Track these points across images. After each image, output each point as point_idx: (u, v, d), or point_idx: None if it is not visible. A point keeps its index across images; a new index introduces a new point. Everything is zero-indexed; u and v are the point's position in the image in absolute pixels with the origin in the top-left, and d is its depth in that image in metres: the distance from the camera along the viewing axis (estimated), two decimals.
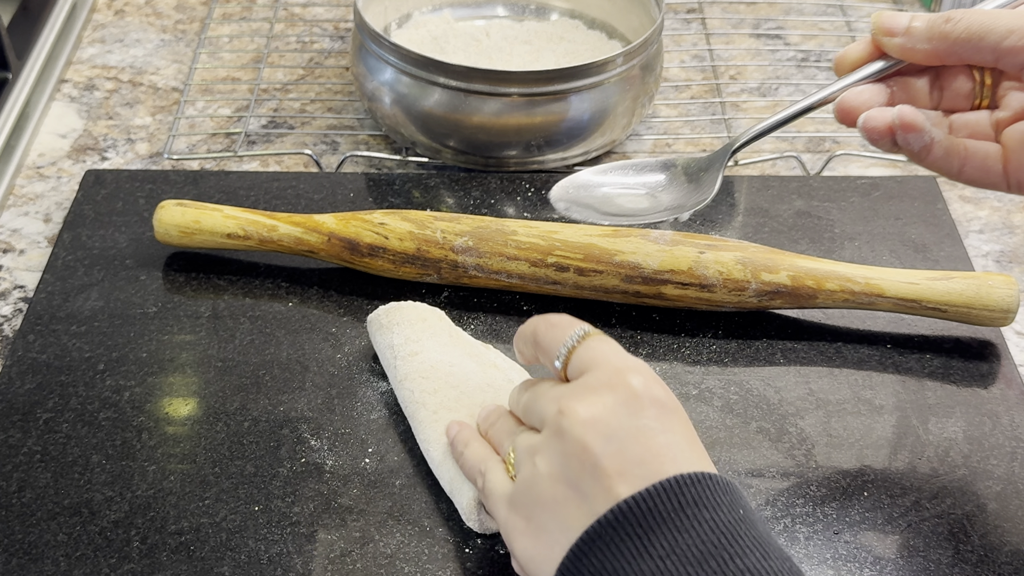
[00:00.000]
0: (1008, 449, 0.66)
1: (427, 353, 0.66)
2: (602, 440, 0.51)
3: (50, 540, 0.60)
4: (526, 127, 0.82)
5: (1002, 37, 0.58)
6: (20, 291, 0.77)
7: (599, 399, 0.52)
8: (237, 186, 0.82)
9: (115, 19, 1.03)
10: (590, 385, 0.53)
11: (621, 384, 0.53)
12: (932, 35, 0.60)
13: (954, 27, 0.59)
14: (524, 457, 0.54)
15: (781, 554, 0.49)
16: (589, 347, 0.55)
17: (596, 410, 0.52)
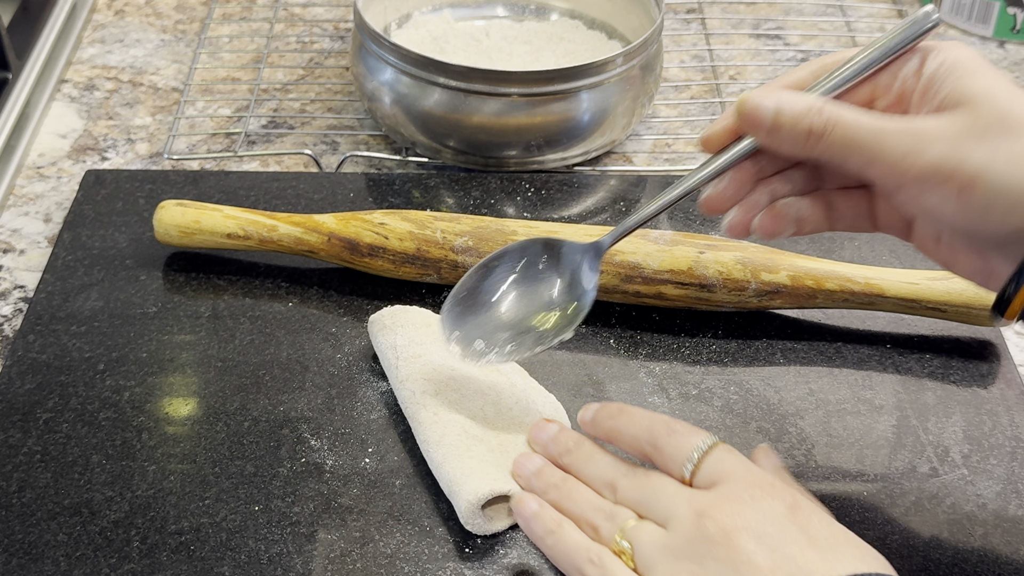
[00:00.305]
0: (1008, 449, 0.66)
1: (430, 356, 0.66)
2: (754, 545, 0.52)
3: (50, 540, 0.60)
4: (526, 127, 0.82)
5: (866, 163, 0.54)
6: (20, 291, 0.77)
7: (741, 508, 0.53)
8: (237, 186, 0.82)
9: (115, 19, 1.03)
10: (727, 494, 0.54)
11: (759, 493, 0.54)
12: (795, 144, 0.56)
13: (816, 143, 0.55)
14: (657, 557, 0.54)
15: None
16: (719, 459, 0.56)
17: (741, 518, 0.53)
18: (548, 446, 0.62)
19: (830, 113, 0.55)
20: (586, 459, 0.61)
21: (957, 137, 0.53)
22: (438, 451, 0.62)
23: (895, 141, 0.54)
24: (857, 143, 0.54)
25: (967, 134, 0.53)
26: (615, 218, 0.81)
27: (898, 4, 1.06)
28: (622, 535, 0.56)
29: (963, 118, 0.53)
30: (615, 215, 0.81)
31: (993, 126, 0.52)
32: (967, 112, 0.53)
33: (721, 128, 0.59)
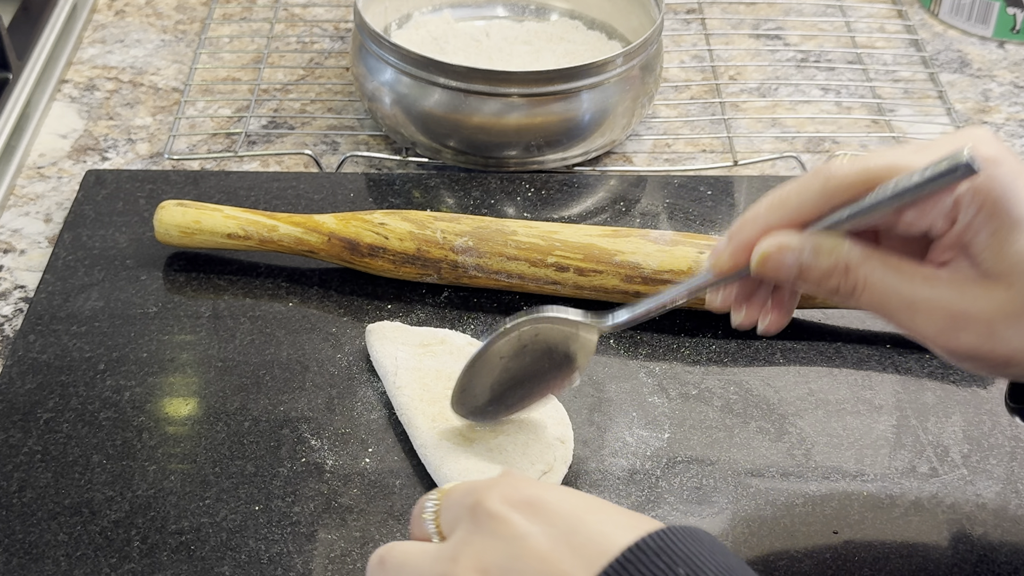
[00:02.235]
0: (1008, 449, 0.66)
1: (428, 368, 0.67)
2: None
3: (51, 540, 0.60)
4: (526, 127, 0.82)
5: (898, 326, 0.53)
6: (21, 291, 0.77)
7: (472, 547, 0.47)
8: (237, 186, 0.82)
9: (115, 19, 1.03)
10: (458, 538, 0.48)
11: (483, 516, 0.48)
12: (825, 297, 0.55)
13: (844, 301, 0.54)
14: None
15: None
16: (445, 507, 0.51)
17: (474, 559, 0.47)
18: None
19: (857, 276, 0.53)
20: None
21: (993, 320, 0.51)
22: (436, 453, 0.63)
23: (929, 317, 0.52)
24: (888, 309, 0.53)
25: (1004, 315, 0.51)
26: (615, 218, 0.81)
27: (898, 4, 1.06)
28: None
29: (999, 297, 0.51)
30: (615, 215, 0.81)
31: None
32: (1004, 290, 0.51)
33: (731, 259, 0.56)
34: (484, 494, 0.48)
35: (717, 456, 0.66)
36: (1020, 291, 0.50)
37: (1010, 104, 0.96)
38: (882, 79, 0.97)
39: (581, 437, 0.66)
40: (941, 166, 0.49)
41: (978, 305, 0.51)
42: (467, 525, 0.48)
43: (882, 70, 0.98)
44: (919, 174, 0.50)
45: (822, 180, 0.53)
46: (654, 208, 0.82)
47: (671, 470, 0.65)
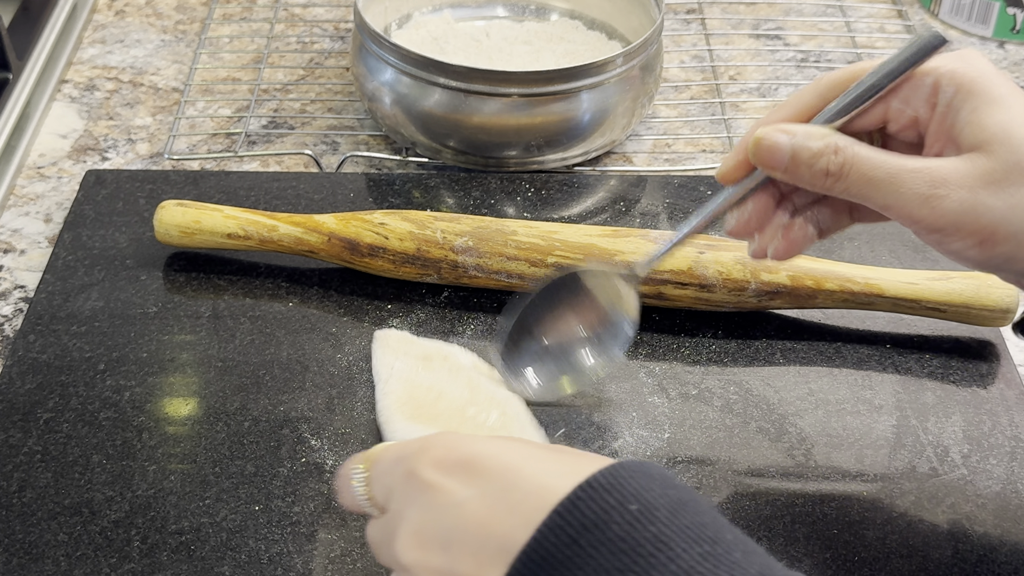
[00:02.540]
0: (1007, 449, 0.67)
1: (421, 382, 0.67)
2: (440, 553, 0.45)
3: (51, 540, 0.60)
4: (526, 127, 0.82)
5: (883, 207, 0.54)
6: (21, 291, 0.77)
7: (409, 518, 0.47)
8: (237, 186, 0.82)
9: (115, 19, 1.03)
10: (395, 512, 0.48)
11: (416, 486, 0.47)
12: (813, 184, 0.56)
13: (835, 183, 0.55)
14: None
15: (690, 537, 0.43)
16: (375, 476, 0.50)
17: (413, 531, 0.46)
18: None
19: (846, 154, 0.54)
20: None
21: (974, 186, 0.52)
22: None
23: (912, 187, 0.53)
24: (874, 186, 0.54)
25: (984, 182, 0.52)
26: (615, 218, 0.81)
27: (898, 4, 1.06)
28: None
29: (980, 164, 0.52)
30: (615, 215, 0.81)
31: (1012, 173, 0.51)
32: (984, 157, 0.52)
33: (735, 163, 0.59)
34: (416, 461, 0.47)
35: (717, 456, 0.66)
36: (1000, 158, 0.52)
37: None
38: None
39: (581, 437, 0.66)
40: (913, 44, 0.55)
41: (960, 172, 0.52)
42: (401, 496, 0.48)
43: None
44: (894, 56, 0.55)
45: (815, 82, 0.58)
46: (654, 208, 0.82)
47: (671, 470, 0.65)
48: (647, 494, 0.44)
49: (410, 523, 0.47)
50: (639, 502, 0.43)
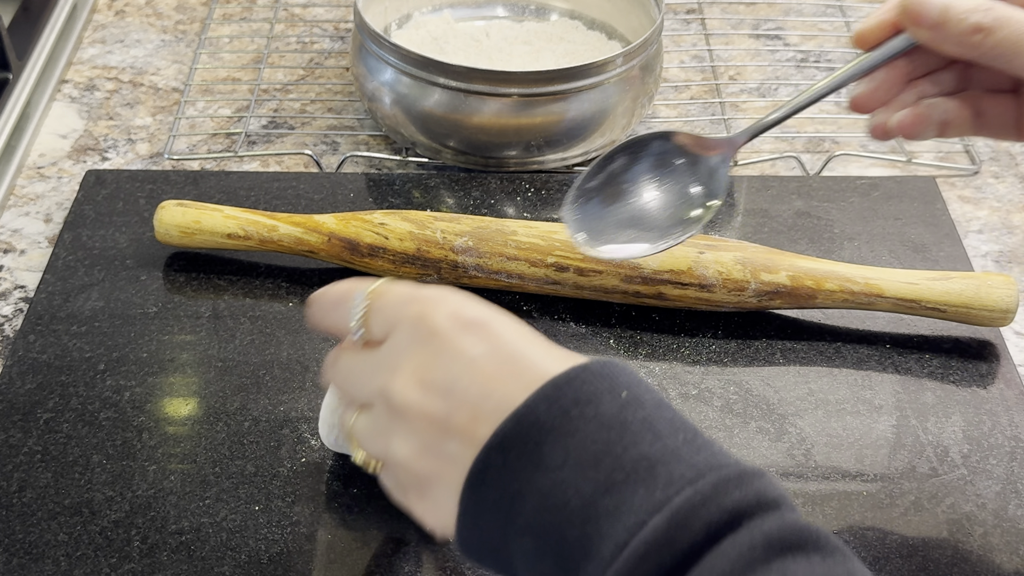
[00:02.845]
0: (1007, 449, 0.67)
1: None
2: (440, 399, 0.48)
3: (51, 540, 0.60)
4: (526, 127, 0.82)
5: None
6: (21, 291, 0.77)
7: (414, 358, 0.48)
8: (237, 186, 0.82)
9: (115, 19, 1.03)
10: (397, 348, 0.49)
11: (426, 330, 0.49)
12: (961, 42, 0.55)
13: (984, 39, 0.55)
14: (374, 445, 0.51)
15: (673, 426, 0.46)
16: (378, 309, 0.51)
17: (417, 371, 0.48)
18: None
19: (999, 12, 0.54)
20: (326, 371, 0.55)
21: None
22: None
23: None
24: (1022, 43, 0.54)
25: None
26: None
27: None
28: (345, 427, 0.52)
29: None
30: None
31: None
32: None
33: (877, 23, 0.58)
34: (431, 306, 0.49)
35: None
36: None
37: None
38: None
39: None
40: None
41: None
42: (408, 336, 0.49)
43: None
44: None
45: None
46: None
47: None
48: (636, 387, 0.47)
49: (414, 363, 0.48)
50: (629, 391, 0.46)
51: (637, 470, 0.45)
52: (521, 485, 0.46)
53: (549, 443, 0.45)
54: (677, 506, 0.43)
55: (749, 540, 0.43)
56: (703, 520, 0.43)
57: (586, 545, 0.44)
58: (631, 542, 0.43)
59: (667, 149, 0.63)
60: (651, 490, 0.44)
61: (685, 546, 0.43)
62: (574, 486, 0.45)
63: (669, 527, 0.43)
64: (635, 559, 0.43)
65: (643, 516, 0.43)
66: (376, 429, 0.50)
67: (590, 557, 0.44)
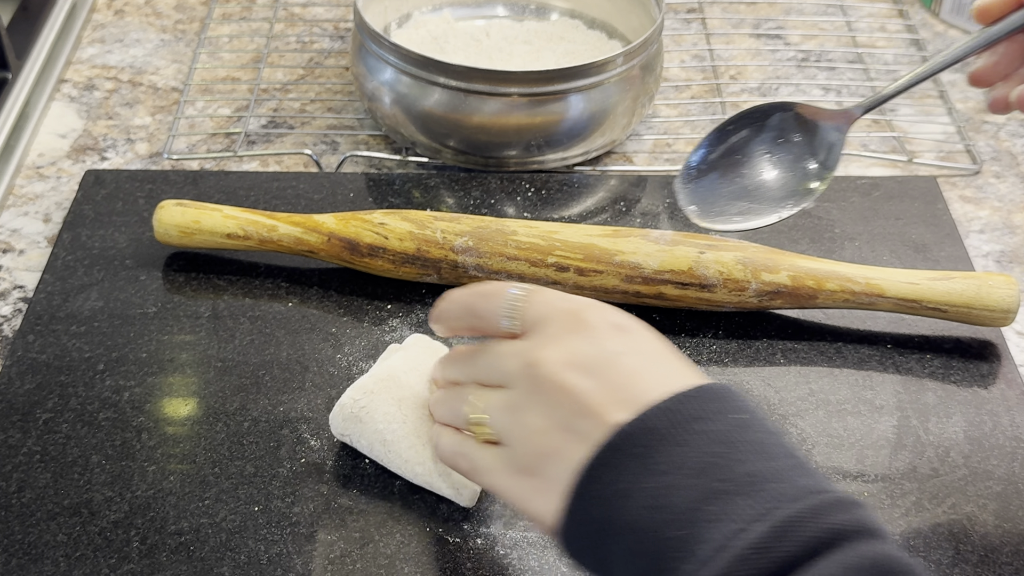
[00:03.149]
0: (1008, 449, 0.66)
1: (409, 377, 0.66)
2: (581, 377, 0.51)
3: (50, 540, 0.60)
4: (526, 127, 0.82)
5: None
6: (20, 291, 0.77)
7: (564, 343, 0.53)
8: (237, 186, 0.82)
9: (115, 19, 1.03)
10: (550, 334, 0.53)
11: (579, 323, 0.53)
12: None
13: None
14: (504, 418, 0.54)
15: (783, 452, 0.49)
16: (534, 302, 0.55)
17: (565, 353, 0.52)
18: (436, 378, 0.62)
19: None
20: (450, 366, 0.60)
21: None
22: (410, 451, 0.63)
23: None
24: None
25: None
26: (615, 218, 0.81)
27: (899, 4, 1.06)
28: (472, 408, 0.56)
29: None
30: (615, 215, 0.81)
31: None
32: None
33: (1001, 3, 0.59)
34: (583, 306, 0.54)
35: None
36: None
37: None
38: (883, 79, 0.97)
39: None
40: None
41: None
42: (561, 326, 0.54)
43: (883, 70, 0.98)
44: None
45: None
46: (654, 208, 0.82)
47: None
48: (751, 413, 0.50)
49: (567, 347, 0.52)
50: (743, 415, 0.50)
51: (742, 484, 0.47)
52: (628, 484, 0.48)
53: (661, 450, 0.48)
54: (779, 518, 0.45)
55: (850, 562, 0.44)
56: (804, 535, 0.45)
57: (685, 546, 0.46)
58: (730, 546, 0.45)
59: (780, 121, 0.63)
60: (754, 502, 0.46)
61: (783, 557, 0.44)
62: (679, 490, 0.47)
63: (769, 536, 0.45)
64: (733, 562, 0.44)
65: (744, 524, 0.45)
66: (511, 404, 0.54)
67: (688, 558, 0.46)
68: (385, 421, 0.62)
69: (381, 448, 0.63)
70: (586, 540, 0.50)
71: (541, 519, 0.52)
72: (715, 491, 0.47)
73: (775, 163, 0.62)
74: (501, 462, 0.54)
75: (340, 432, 0.64)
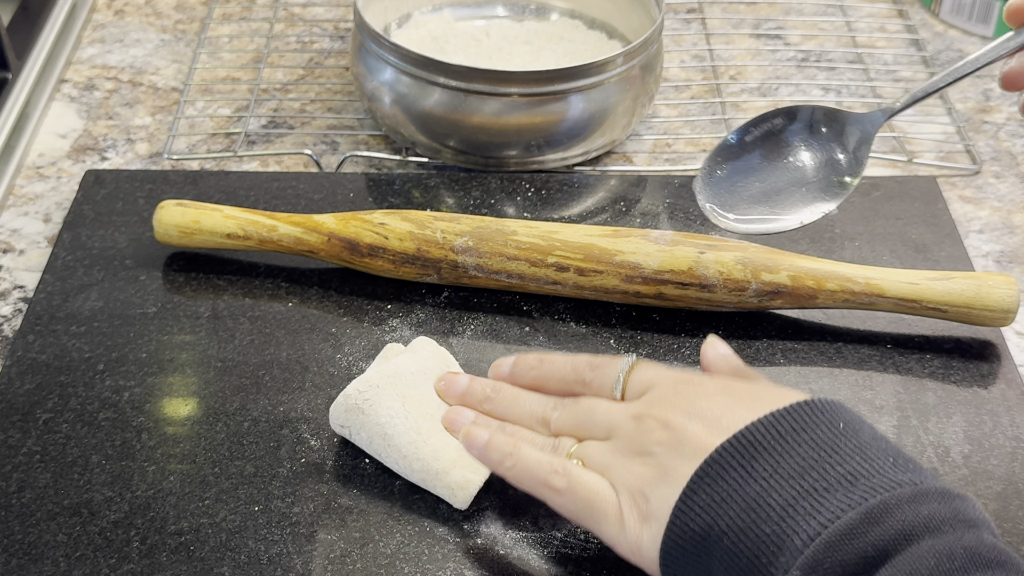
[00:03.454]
0: (1008, 449, 0.66)
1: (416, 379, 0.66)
2: (684, 417, 0.55)
3: (50, 540, 0.60)
4: (526, 127, 0.82)
5: None
6: (20, 291, 0.77)
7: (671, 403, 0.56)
8: (237, 186, 0.82)
9: (115, 19, 1.03)
10: (659, 396, 0.57)
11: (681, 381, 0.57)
12: None
13: None
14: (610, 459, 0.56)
15: (884, 453, 0.50)
16: (643, 371, 0.59)
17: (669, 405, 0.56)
18: (464, 397, 0.63)
19: None
20: (510, 401, 0.62)
21: None
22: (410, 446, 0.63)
23: None
24: None
25: None
26: (615, 218, 0.81)
27: (898, 4, 1.06)
28: (570, 456, 0.58)
29: None
30: (615, 215, 0.81)
31: None
32: None
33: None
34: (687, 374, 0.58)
35: None
36: None
37: (1011, 104, 0.96)
38: (883, 79, 0.97)
39: None
40: None
41: None
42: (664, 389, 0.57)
43: (883, 70, 0.98)
44: None
45: None
46: (654, 208, 0.82)
47: None
48: (855, 422, 0.52)
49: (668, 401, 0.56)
50: (846, 423, 0.52)
51: (840, 482, 0.49)
52: (730, 491, 0.51)
53: (760, 459, 0.51)
54: (872, 505, 0.47)
55: (948, 549, 0.45)
56: (897, 521, 0.46)
57: (780, 539, 0.48)
58: (822, 534, 0.46)
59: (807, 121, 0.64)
60: (848, 495, 0.48)
61: (876, 542, 0.46)
62: (777, 491, 0.49)
63: (862, 521, 0.46)
64: (824, 548, 0.46)
65: (838, 513, 0.47)
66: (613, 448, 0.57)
67: (783, 550, 0.47)
68: (388, 415, 0.62)
69: (381, 442, 0.63)
70: (688, 555, 0.52)
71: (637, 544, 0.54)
72: (812, 489, 0.48)
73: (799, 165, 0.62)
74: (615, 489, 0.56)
75: (340, 423, 0.64)
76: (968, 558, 0.45)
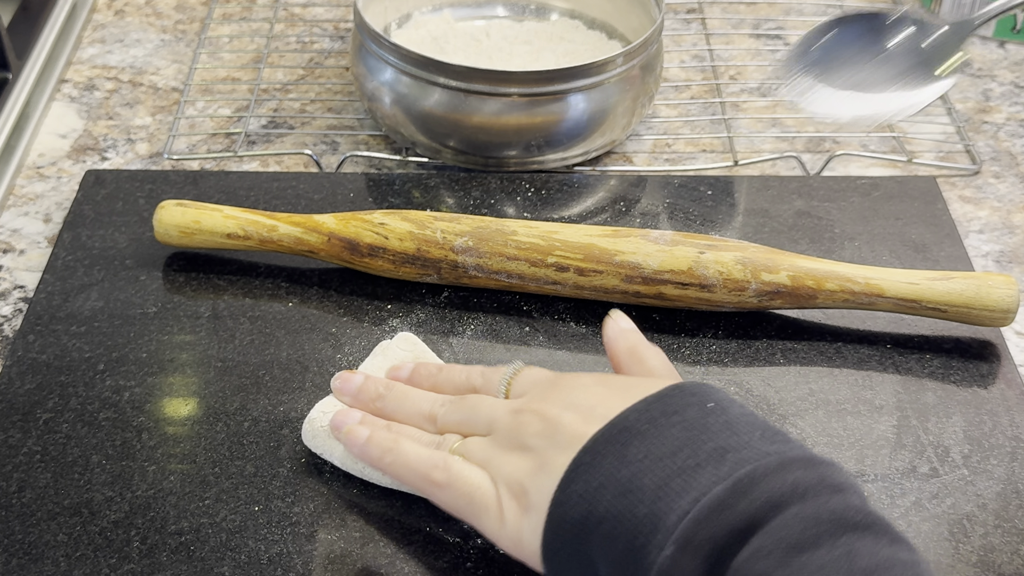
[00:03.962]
0: (1008, 449, 0.66)
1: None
2: (559, 408, 0.56)
3: (50, 540, 0.60)
4: (526, 127, 0.82)
5: None
6: (20, 291, 0.77)
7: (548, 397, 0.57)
8: (237, 186, 0.82)
9: (115, 19, 1.03)
10: (538, 393, 0.58)
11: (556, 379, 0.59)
12: None
13: None
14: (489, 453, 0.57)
15: (753, 426, 0.51)
16: (528, 373, 0.60)
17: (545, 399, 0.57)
18: (358, 396, 0.64)
19: None
20: (401, 398, 0.63)
21: None
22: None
23: None
24: None
25: None
26: (615, 218, 0.81)
27: (898, 4, 1.06)
28: (453, 452, 0.58)
29: None
30: (615, 215, 0.81)
31: None
32: None
33: None
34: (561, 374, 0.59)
35: None
36: None
37: (1010, 104, 0.96)
38: None
39: None
40: None
41: None
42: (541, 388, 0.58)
43: None
44: None
45: None
46: (654, 208, 0.82)
47: None
48: (724, 402, 0.53)
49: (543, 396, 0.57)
50: (716, 403, 0.52)
51: (709, 458, 0.49)
52: (606, 478, 0.51)
53: (634, 444, 0.51)
54: (739, 477, 0.47)
55: (815, 513, 0.46)
56: (765, 491, 0.47)
57: (655, 519, 0.48)
58: (692, 510, 0.47)
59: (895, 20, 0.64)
60: (717, 470, 0.48)
61: (745, 512, 0.46)
62: (651, 473, 0.50)
63: (730, 494, 0.47)
64: (694, 524, 0.46)
65: (707, 488, 0.48)
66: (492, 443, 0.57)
67: (658, 529, 0.48)
68: None
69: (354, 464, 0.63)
70: (569, 545, 0.52)
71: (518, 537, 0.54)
72: (683, 467, 0.49)
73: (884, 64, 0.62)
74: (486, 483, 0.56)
75: (312, 447, 0.64)
76: (834, 521, 0.46)
